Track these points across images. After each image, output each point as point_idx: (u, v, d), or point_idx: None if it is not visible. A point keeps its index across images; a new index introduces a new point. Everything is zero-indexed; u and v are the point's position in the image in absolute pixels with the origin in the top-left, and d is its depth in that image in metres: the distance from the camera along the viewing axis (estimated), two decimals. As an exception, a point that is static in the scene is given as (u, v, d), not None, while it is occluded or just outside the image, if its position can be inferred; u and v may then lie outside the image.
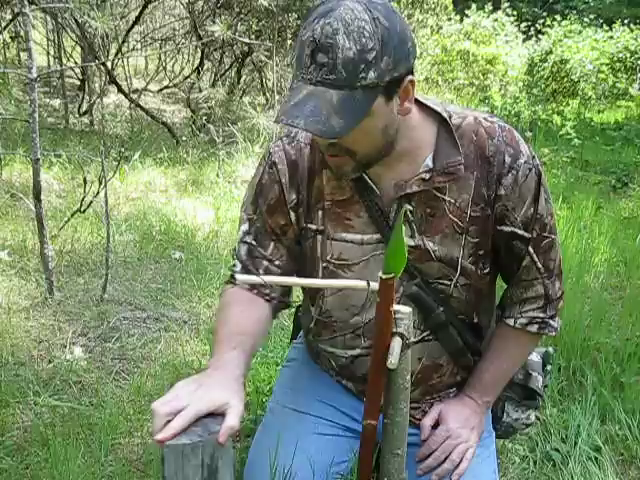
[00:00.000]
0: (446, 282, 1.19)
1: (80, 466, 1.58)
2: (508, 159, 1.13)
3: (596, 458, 1.72)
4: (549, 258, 1.22)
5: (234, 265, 1.28)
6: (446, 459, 1.24)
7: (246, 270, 1.25)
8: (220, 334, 1.13)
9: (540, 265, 1.21)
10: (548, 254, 1.22)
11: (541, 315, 1.26)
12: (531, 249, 1.20)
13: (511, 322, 1.27)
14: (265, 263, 1.25)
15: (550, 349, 1.46)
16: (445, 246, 1.17)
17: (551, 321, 1.27)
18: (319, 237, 1.23)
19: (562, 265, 1.27)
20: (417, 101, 1.15)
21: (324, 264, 1.23)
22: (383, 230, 1.17)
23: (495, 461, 1.32)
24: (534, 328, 1.26)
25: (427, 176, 1.13)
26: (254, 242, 1.25)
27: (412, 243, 1.16)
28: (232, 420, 0.90)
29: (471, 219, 1.16)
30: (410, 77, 1.03)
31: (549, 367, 1.44)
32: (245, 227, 1.27)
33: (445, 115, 1.14)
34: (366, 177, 1.16)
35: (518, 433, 1.53)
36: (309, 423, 1.32)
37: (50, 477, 1.56)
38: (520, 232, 1.18)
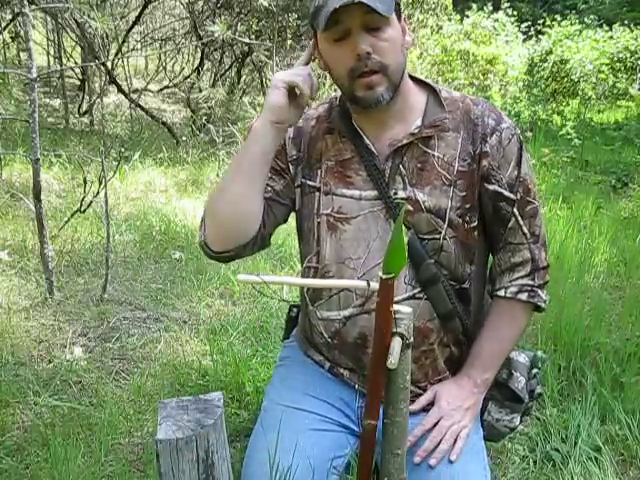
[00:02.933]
0: (436, 236, 1.27)
1: (80, 466, 1.58)
2: (492, 122, 1.27)
3: (596, 458, 1.72)
4: (534, 224, 1.32)
5: None
6: (442, 440, 1.26)
7: None
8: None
9: (526, 230, 1.31)
10: (533, 220, 1.31)
11: (530, 282, 1.33)
12: (516, 211, 1.29)
13: (502, 293, 1.34)
14: None
15: (540, 353, 1.45)
16: (434, 197, 1.26)
17: (539, 291, 1.34)
18: (317, 193, 1.34)
19: (547, 237, 1.36)
20: (410, 75, 1.31)
21: (325, 217, 1.32)
22: (380, 187, 1.28)
23: (485, 458, 1.32)
24: (524, 296, 1.33)
25: (416, 130, 1.26)
26: None
27: (404, 195, 1.27)
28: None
29: (458, 173, 1.26)
30: (403, 15, 1.23)
31: (535, 370, 1.43)
32: None
33: (434, 86, 1.31)
34: (365, 139, 1.29)
35: (504, 437, 1.50)
36: (304, 419, 1.34)
37: (50, 477, 1.56)
38: (506, 193, 1.28)
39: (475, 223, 1.29)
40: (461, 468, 1.24)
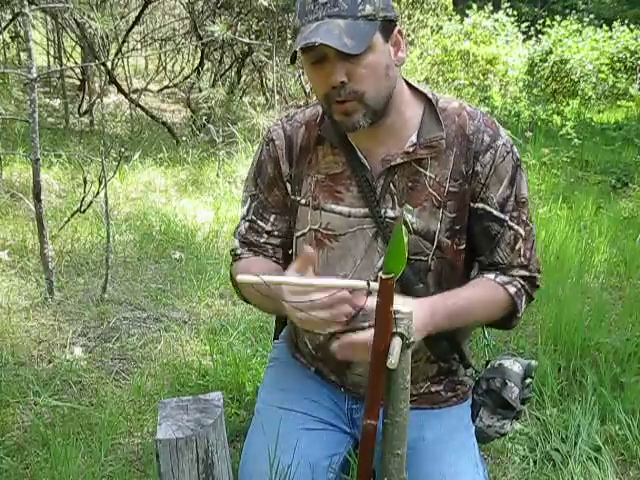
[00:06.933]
0: (423, 258, 1.23)
1: (80, 466, 1.58)
2: (487, 138, 1.21)
3: (596, 458, 1.72)
4: (527, 247, 1.27)
5: (234, 246, 1.39)
6: None
7: (245, 243, 1.36)
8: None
9: (521, 251, 1.26)
10: (527, 242, 1.27)
11: (521, 282, 1.28)
12: (510, 232, 1.24)
13: (492, 276, 1.27)
14: (265, 236, 1.35)
15: (533, 362, 1.43)
16: (423, 219, 1.22)
17: (525, 295, 1.28)
18: (305, 208, 1.30)
19: (539, 260, 1.33)
20: (407, 83, 1.25)
21: (313, 233, 1.29)
22: (370, 204, 1.24)
23: (476, 454, 1.32)
24: (512, 289, 1.26)
25: (411, 149, 1.21)
26: (254, 217, 1.36)
27: (392, 214, 1.23)
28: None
29: (449, 194, 1.22)
30: (398, 27, 1.15)
31: (529, 380, 1.41)
32: (247, 205, 1.37)
33: (431, 97, 1.24)
34: (358, 152, 1.24)
35: (494, 440, 1.49)
36: (296, 419, 1.34)
37: (50, 477, 1.56)
38: (495, 213, 1.23)
39: (464, 245, 1.25)
40: (451, 466, 1.24)
